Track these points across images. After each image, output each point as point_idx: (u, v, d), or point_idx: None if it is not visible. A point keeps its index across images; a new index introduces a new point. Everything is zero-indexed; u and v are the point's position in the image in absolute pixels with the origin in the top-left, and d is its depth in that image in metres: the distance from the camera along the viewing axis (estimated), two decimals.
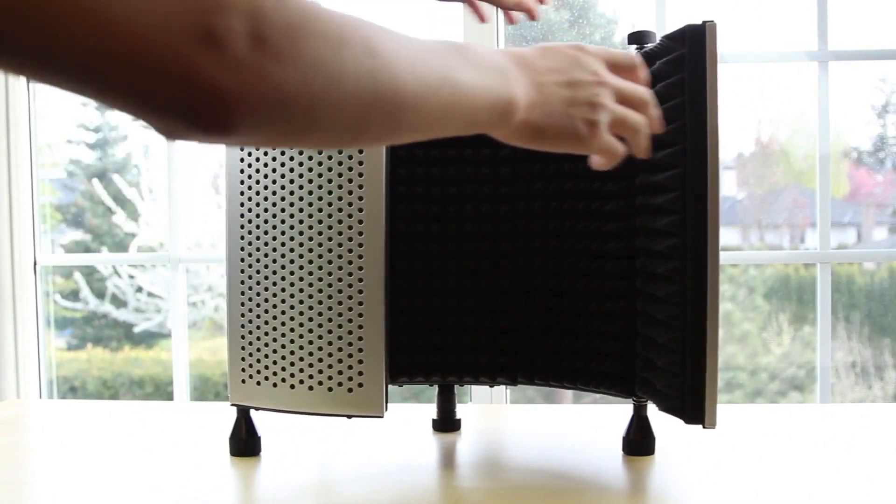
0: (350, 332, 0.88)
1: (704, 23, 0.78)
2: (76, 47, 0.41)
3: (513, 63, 0.61)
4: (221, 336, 3.23)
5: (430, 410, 1.07)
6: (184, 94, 0.43)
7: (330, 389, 0.88)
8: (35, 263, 1.60)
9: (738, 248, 2.69)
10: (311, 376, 0.89)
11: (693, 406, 0.79)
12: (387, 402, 0.88)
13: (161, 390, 3.26)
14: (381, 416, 0.87)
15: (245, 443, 0.95)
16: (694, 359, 0.78)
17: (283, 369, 0.90)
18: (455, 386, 1.05)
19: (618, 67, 0.68)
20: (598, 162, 0.67)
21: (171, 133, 0.46)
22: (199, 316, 3.35)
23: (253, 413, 0.95)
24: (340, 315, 0.88)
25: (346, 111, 0.51)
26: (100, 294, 3.35)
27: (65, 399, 2.97)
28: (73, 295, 3.33)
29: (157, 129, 0.46)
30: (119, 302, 3.34)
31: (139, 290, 3.35)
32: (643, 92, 0.67)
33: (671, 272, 0.80)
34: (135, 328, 3.37)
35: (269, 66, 0.45)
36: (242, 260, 0.91)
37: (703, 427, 0.78)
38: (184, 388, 1.62)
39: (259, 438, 0.95)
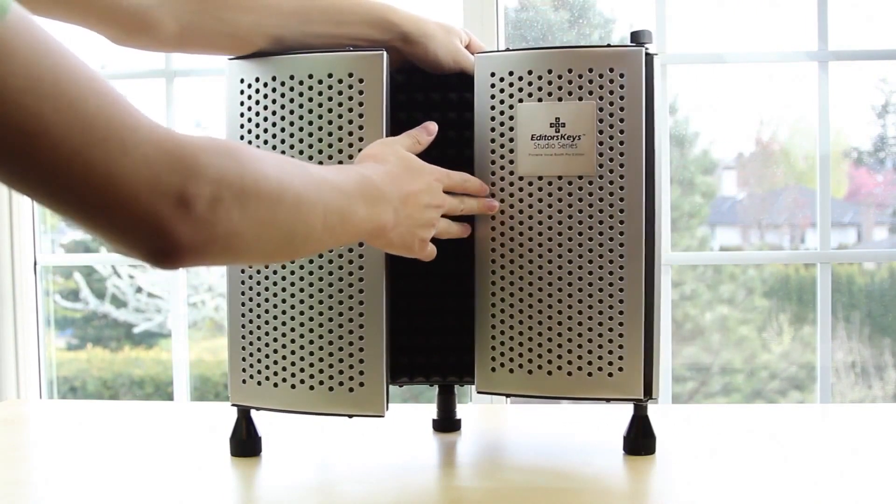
0: (351, 332, 0.88)
1: None
2: (70, 193, 0.53)
3: (395, 192, 0.78)
4: (221, 336, 3.23)
5: (430, 410, 1.07)
6: (153, 240, 0.55)
7: (331, 389, 0.88)
8: (35, 263, 1.60)
9: (738, 248, 2.69)
10: (311, 376, 0.89)
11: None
12: (387, 402, 0.88)
13: (161, 390, 3.26)
14: (382, 416, 0.87)
15: (245, 443, 0.95)
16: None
17: (284, 369, 0.90)
18: (455, 386, 1.05)
19: (453, 188, 0.87)
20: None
21: (125, 255, 0.58)
22: (199, 316, 3.34)
23: (253, 413, 0.95)
24: (341, 315, 0.88)
25: (266, 252, 0.66)
26: (100, 294, 3.34)
27: (65, 399, 2.97)
28: (73, 295, 3.33)
29: (113, 251, 0.58)
30: (119, 302, 3.34)
31: (139, 290, 3.34)
32: (457, 206, 0.87)
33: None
34: (135, 328, 3.37)
35: (220, 225, 0.58)
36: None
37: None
38: (184, 388, 1.62)
39: (259, 439, 0.95)
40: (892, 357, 2.36)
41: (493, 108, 0.90)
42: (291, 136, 0.89)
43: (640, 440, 0.92)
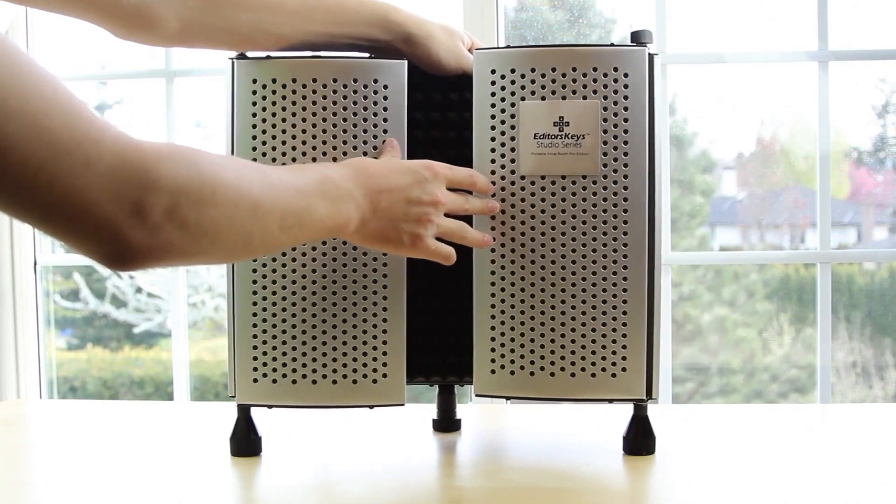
0: (365, 321, 0.90)
1: None
2: (34, 203, 0.56)
3: (361, 189, 0.78)
4: (221, 336, 3.23)
5: (430, 410, 1.07)
6: (108, 246, 0.59)
7: (335, 382, 0.88)
8: (35, 263, 1.60)
9: (738, 248, 2.69)
10: (329, 368, 0.89)
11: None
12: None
13: (161, 390, 3.26)
14: (403, 405, 0.91)
15: (246, 443, 0.94)
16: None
17: (304, 365, 0.90)
18: (455, 386, 1.05)
19: (459, 184, 0.85)
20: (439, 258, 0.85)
21: (85, 256, 0.61)
22: (199, 316, 3.34)
23: (253, 413, 0.95)
24: (355, 304, 0.90)
25: (223, 255, 0.70)
26: (100, 294, 3.34)
27: (65, 399, 2.97)
28: (73, 295, 3.32)
29: (75, 252, 0.61)
30: (119, 302, 3.34)
31: (139, 290, 3.34)
32: (461, 204, 0.86)
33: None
34: (135, 328, 3.37)
35: (175, 232, 0.61)
36: (255, 260, 0.90)
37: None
38: (184, 388, 1.62)
39: (260, 438, 0.95)
40: (893, 357, 2.36)
41: (493, 105, 0.89)
42: (304, 143, 0.89)
43: (639, 440, 0.92)
